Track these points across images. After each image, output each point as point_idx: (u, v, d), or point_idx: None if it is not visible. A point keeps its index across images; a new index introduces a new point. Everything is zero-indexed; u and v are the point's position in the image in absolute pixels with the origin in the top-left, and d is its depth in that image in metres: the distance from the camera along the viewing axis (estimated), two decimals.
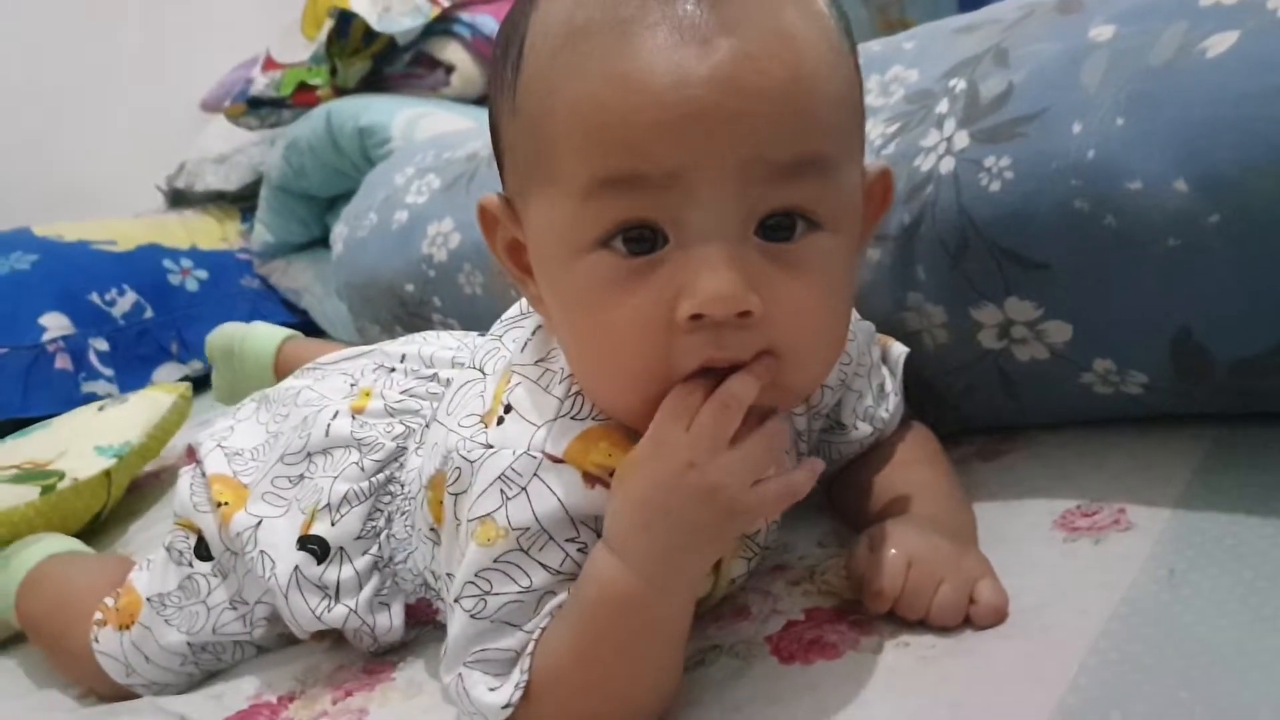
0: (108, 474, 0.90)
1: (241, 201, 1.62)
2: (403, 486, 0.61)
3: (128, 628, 0.66)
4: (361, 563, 0.60)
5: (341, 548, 0.60)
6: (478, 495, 0.46)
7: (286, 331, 1.02)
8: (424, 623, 0.63)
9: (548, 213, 0.44)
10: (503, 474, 0.46)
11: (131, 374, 1.33)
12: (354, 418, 0.63)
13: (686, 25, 0.40)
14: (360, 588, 0.60)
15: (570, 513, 0.46)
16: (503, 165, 0.49)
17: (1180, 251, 0.50)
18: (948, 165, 0.58)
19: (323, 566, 0.59)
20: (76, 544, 0.83)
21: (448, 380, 0.66)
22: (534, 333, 0.52)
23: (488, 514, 0.46)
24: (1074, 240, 0.53)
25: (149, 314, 1.39)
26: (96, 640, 0.67)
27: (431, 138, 1.16)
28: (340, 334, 1.39)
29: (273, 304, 1.50)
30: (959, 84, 0.60)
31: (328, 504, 0.60)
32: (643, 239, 0.42)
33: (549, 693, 0.45)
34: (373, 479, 0.61)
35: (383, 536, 0.61)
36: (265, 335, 1.02)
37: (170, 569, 0.66)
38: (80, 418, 1.02)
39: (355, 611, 0.59)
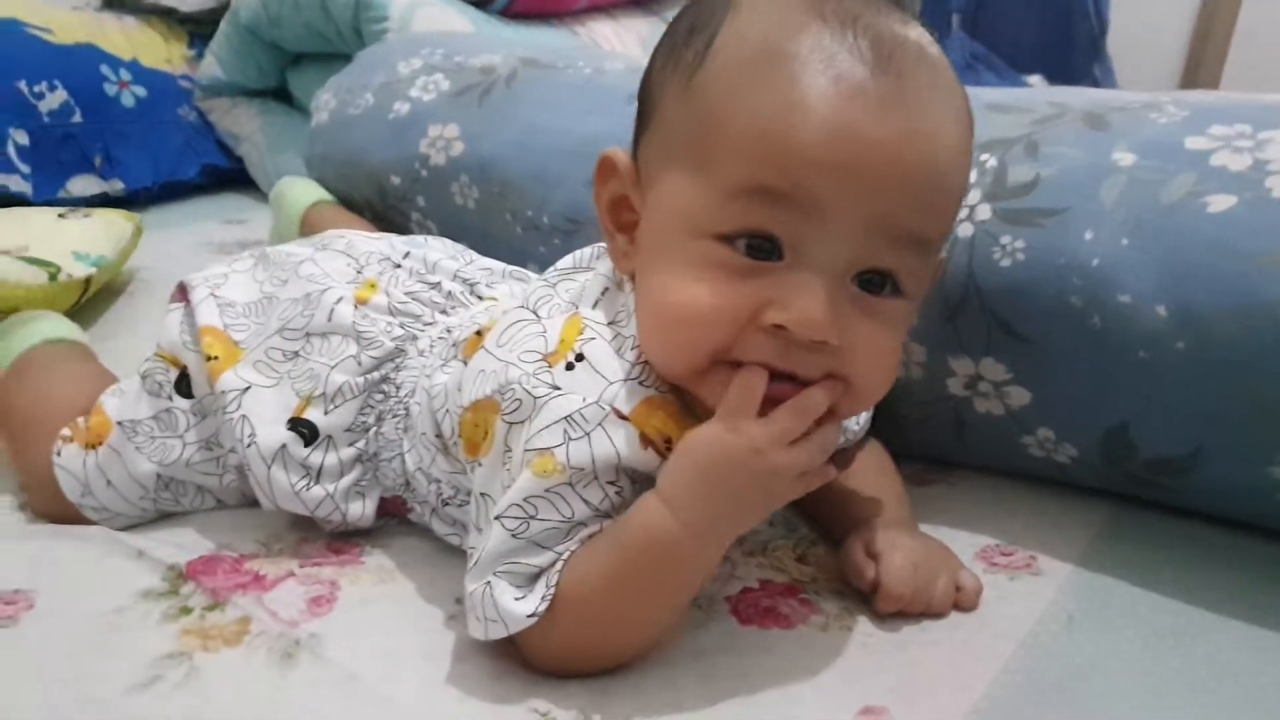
0: (88, 280, 0.91)
1: (190, 24, 1.55)
2: (398, 388, 0.64)
3: (94, 448, 0.66)
4: (346, 453, 0.63)
5: (330, 436, 0.62)
6: (539, 429, 0.51)
7: (317, 194, 1.06)
8: (391, 515, 0.67)
9: (685, 193, 0.49)
10: (569, 416, 0.51)
11: (47, 176, 1.26)
12: (357, 307, 0.65)
13: (873, 88, 0.45)
14: (341, 476, 0.63)
15: (621, 464, 0.51)
16: (646, 126, 0.53)
17: (1145, 363, 0.59)
18: (966, 230, 0.65)
19: (309, 449, 0.62)
20: (75, 331, 0.81)
21: (449, 293, 0.70)
22: (604, 292, 0.56)
23: (548, 448, 0.50)
24: (1061, 328, 0.61)
25: (77, 118, 1.32)
26: (58, 454, 0.66)
27: (434, 33, 1.16)
28: None
29: (207, 142, 1.45)
30: (990, 160, 0.67)
31: (324, 393, 0.62)
32: (761, 249, 0.47)
33: (572, 611, 0.50)
34: (368, 375, 0.63)
35: (371, 433, 0.64)
36: (298, 193, 1.07)
37: (144, 398, 0.67)
38: (36, 218, 1.00)
39: (332, 496, 0.62)
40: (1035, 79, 2.21)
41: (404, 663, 0.54)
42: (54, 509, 0.67)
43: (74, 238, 0.95)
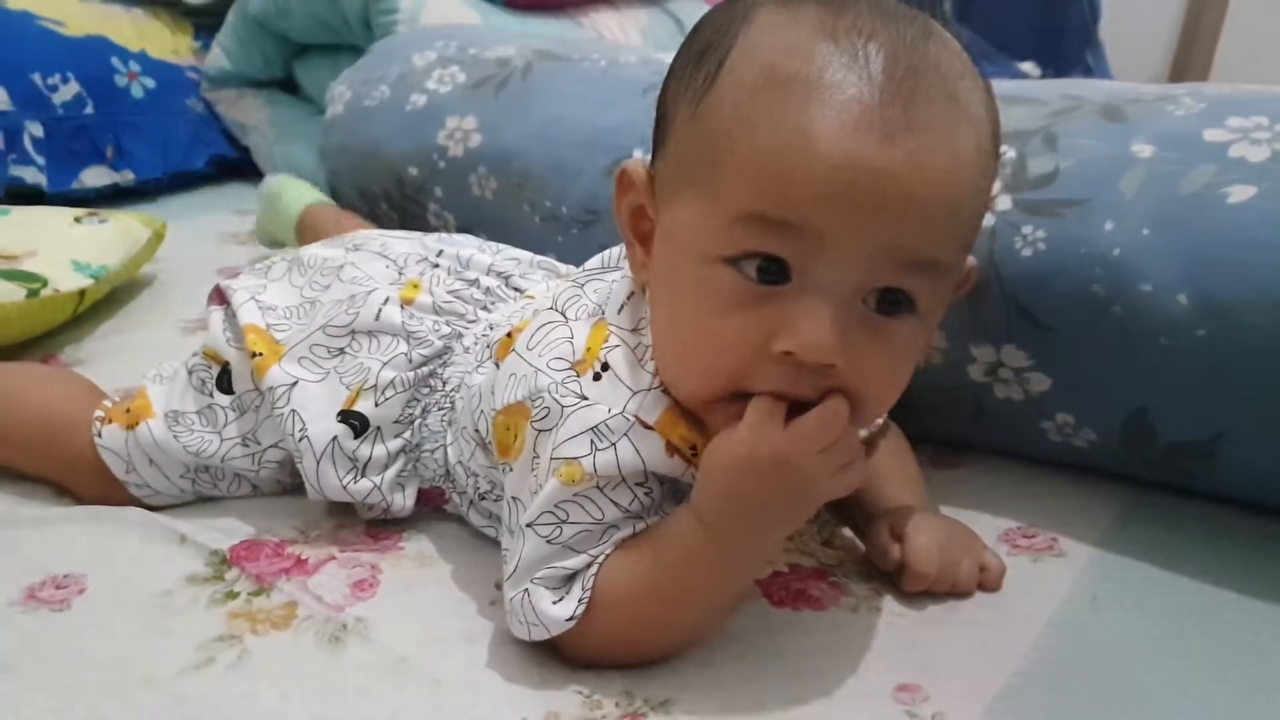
0: (82, 293, 0.90)
1: (195, 16, 1.55)
2: (444, 384, 0.65)
3: (133, 428, 0.67)
4: (393, 444, 0.64)
5: (379, 427, 0.64)
6: (566, 439, 0.52)
7: (314, 194, 1.06)
8: (428, 506, 0.68)
9: (693, 216, 0.49)
10: (596, 427, 0.52)
11: (62, 168, 1.27)
12: (403, 308, 0.66)
13: (878, 116, 0.45)
14: (387, 467, 0.64)
15: (648, 470, 0.52)
16: (661, 144, 0.53)
17: (1166, 350, 0.61)
18: (987, 220, 0.66)
19: (358, 441, 0.63)
20: None
21: (487, 289, 0.71)
22: (629, 296, 0.56)
23: (575, 458, 0.51)
24: (1083, 316, 0.63)
25: (89, 110, 1.32)
26: (99, 435, 0.68)
27: (446, 26, 1.17)
28: None
29: (214, 133, 1.46)
30: (1009, 151, 0.69)
31: (374, 385, 0.63)
32: (770, 271, 0.47)
33: (609, 614, 0.52)
34: (417, 371, 0.65)
35: (416, 424, 0.65)
36: (295, 194, 1.07)
37: (190, 392, 0.68)
38: (51, 222, 0.99)
39: (379, 488, 0.64)
40: (1028, 65, 2.22)
41: (450, 645, 0.56)
42: (97, 490, 0.68)
43: (81, 246, 0.94)
